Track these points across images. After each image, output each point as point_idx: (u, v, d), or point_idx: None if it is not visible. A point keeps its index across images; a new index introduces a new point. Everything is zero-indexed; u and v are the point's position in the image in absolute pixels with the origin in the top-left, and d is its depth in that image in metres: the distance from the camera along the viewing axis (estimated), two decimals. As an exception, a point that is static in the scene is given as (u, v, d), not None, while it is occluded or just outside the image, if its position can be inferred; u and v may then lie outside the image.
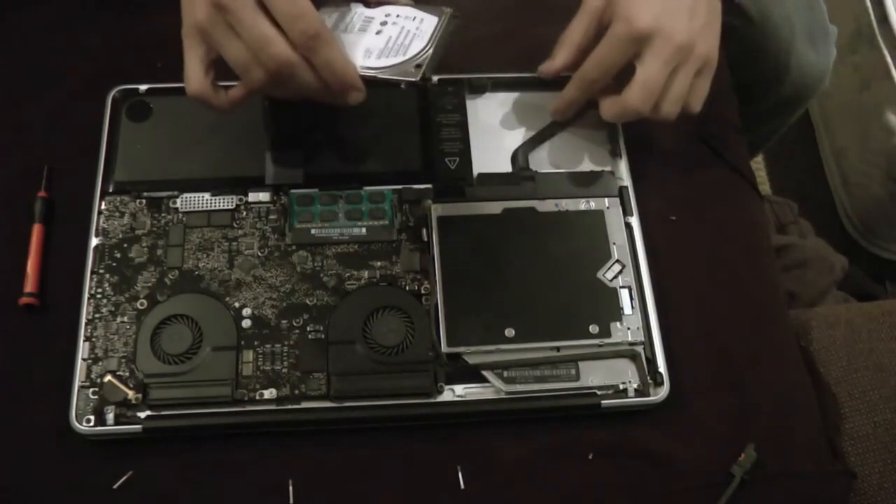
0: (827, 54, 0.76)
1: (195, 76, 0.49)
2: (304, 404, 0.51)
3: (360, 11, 0.53)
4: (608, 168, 0.59)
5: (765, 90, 0.74)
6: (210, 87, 0.50)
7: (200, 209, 0.56)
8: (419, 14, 0.52)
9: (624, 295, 0.54)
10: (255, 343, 0.52)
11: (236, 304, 0.53)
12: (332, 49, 0.47)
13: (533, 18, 0.65)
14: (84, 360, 0.51)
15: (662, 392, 0.52)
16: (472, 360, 0.52)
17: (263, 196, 0.57)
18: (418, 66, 0.50)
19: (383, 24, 0.52)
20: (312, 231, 0.56)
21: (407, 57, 0.50)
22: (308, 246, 0.55)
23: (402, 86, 0.50)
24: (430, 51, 0.50)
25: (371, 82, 0.50)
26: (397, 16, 0.52)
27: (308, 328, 0.53)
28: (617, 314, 0.54)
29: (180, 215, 0.56)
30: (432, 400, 0.52)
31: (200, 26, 0.47)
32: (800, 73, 0.74)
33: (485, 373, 0.52)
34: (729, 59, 0.68)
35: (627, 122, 0.56)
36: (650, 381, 0.52)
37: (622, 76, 0.53)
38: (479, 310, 0.53)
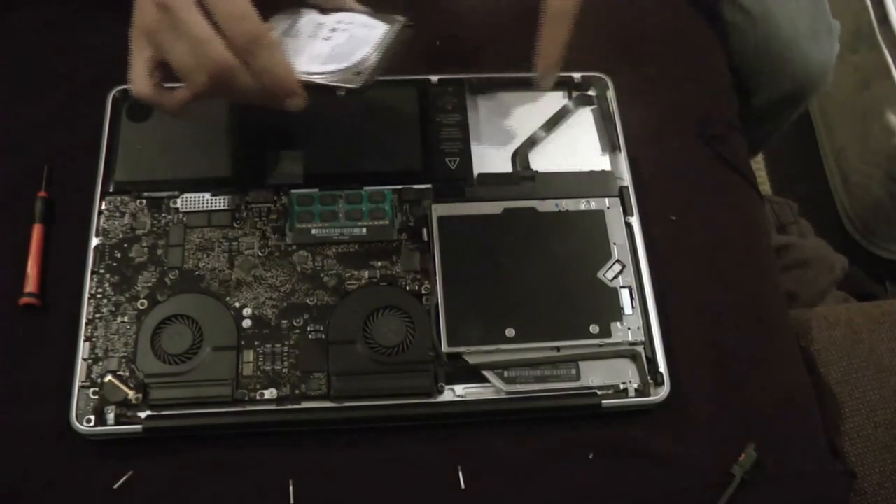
0: (830, 50, 0.76)
1: (139, 78, 0.48)
2: (304, 404, 0.51)
3: (312, 17, 0.52)
4: (608, 168, 0.59)
5: (767, 85, 0.74)
6: (154, 88, 0.49)
7: (200, 209, 0.56)
8: (371, 21, 0.52)
9: (624, 295, 0.54)
10: (256, 343, 0.52)
11: (236, 304, 0.53)
12: (272, 53, 0.46)
13: (533, 19, 0.65)
14: (84, 360, 0.51)
15: (662, 392, 0.52)
16: (472, 360, 0.52)
17: (263, 196, 0.57)
18: (359, 73, 0.49)
19: (333, 30, 0.51)
20: (313, 231, 0.56)
21: (350, 63, 0.49)
22: (308, 246, 0.55)
23: (341, 93, 0.49)
24: (374, 58, 0.50)
25: (314, 88, 0.49)
26: (349, 23, 0.52)
27: (308, 328, 0.53)
28: (617, 314, 0.54)
29: (180, 215, 0.56)
30: (432, 400, 0.52)
31: (147, 27, 0.47)
32: (803, 68, 0.74)
33: (485, 373, 0.52)
34: (731, 54, 0.68)
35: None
36: (650, 381, 0.53)
37: None
38: (480, 310, 0.53)
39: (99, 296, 0.53)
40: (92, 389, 0.50)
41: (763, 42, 0.70)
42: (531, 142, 0.60)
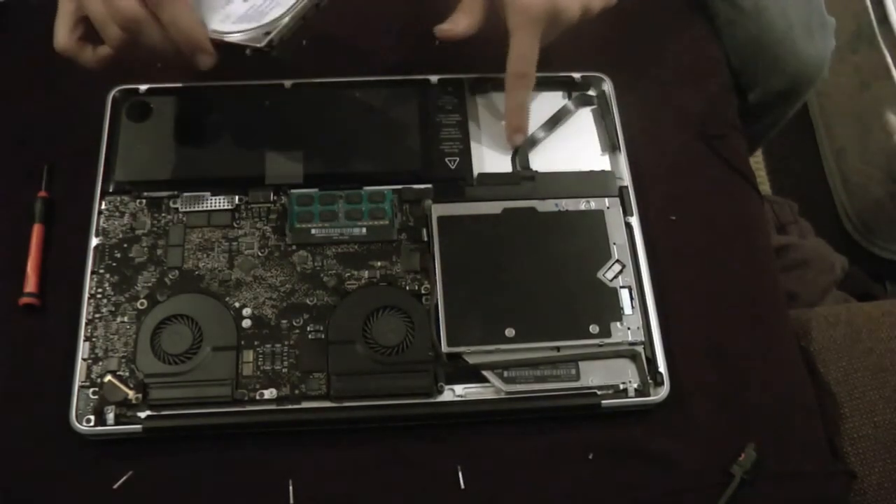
0: (825, 45, 0.76)
1: (61, 32, 0.51)
2: (304, 404, 0.51)
3: None
4: (608, 168, 0.59)
5: (762, 81, 0.74)
6: (75, 43, 0.51)
7: (200, 209, 0.56)
8: None
9: (624, 295, 0.54)
10: (255, 343, 0.52)
11: (236, 304, 0.53)
12: (178, 7, 0.48)
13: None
14: (84, 360, 0.51)
15: (662, 392, 0.52)
16: (472, 359, 0.52)
17: (263, 196, 0.57)
18: (267, 33, 0.49)
19: None
20: (312, 231, 0.56)
21: (261, 24, 0.50)
22: (308, 246, 0.55)
23: (248, 52, 0.49)
24: (285, 20, 0.50)
25: (222, 47, 0.50)
26: None
27: (308, 328, 0.53)
28: (617, 314, 0.54)
29: (180, 215, 0.56)
30: (432, 400, 0.52)
31: None
32: (797, 63, 0.75)
33: (485, 373, 0.52)
34: (726, 50, 0.68)
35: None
36: (650, 381, 0.52)
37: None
38: (479, 310, 0.53)
39: (99, 296, 0.53)
40: (92, 389, 0.50)
41: (756, 37, 0.71)
42: (531, 142, 0.60)
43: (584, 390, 0.52)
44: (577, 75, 0.62)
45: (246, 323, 0.53)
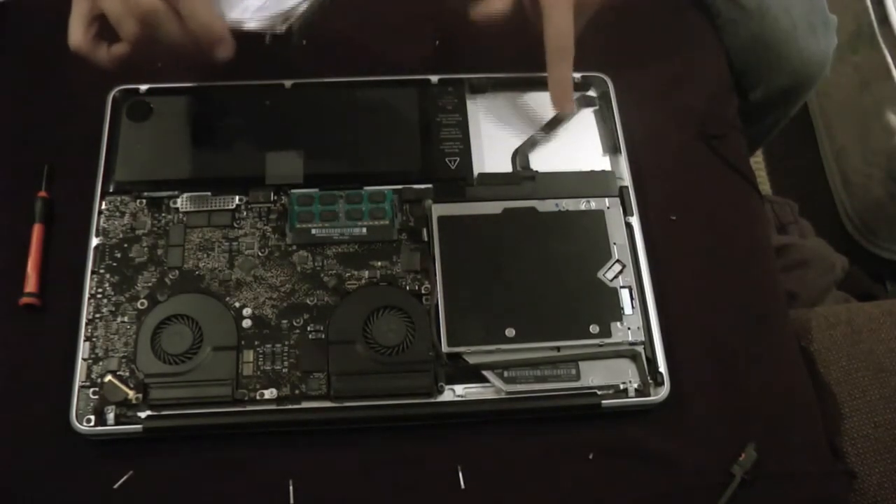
0: (827, 43, 0.77)
1: (75, 31, 0.50)
2: (304, 404, 0.51)
3: None
4: (608, 168, 0.59)
5: (764, 80, 0.74)
6: (90, 41, 0.50)
7: (200, 209, 0.56)
8: None
9: (624, 295, 0.54)
10: (256, 343, 0.52)
11: (236, 304, 0.53)
12: None
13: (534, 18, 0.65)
14: (84, 359, 0.51)
15: (662, 392, 0.52)
16: (472, 359, 0.52)
17: (264, 196, 0.57)
18: (286, 19, 0.49)
19: None
20: (313, 231, 0.56)
21: (279, 11, 0.50)
22: (308, 246, 0.55)
23: (267, 40, 0.49)
24: (303, 6, 0.50)
25: (241, 36, 0.50)
26: None
27: (308, 328, 0.53)
28: (617, 314, 0.54)
29: (180, 215, 0.56)
30: (432, 400, 0.51)
31: None
32: (800, 62, 0.75)
33: (485, 373, 0.52)
34: (728, 49, 0.68)
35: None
36: (650, 381, 0.53)
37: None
38: (480, 310, 0.53)
39: (99, 296, 0.53)
40: (92, 389, 0.50)
41: (759, 36, 0.71)
42: (531, 142, 0.60)
43: (584, 390, 0.52)
44: (577, 75, 0.62)
45: (246, 323, 0.53)
